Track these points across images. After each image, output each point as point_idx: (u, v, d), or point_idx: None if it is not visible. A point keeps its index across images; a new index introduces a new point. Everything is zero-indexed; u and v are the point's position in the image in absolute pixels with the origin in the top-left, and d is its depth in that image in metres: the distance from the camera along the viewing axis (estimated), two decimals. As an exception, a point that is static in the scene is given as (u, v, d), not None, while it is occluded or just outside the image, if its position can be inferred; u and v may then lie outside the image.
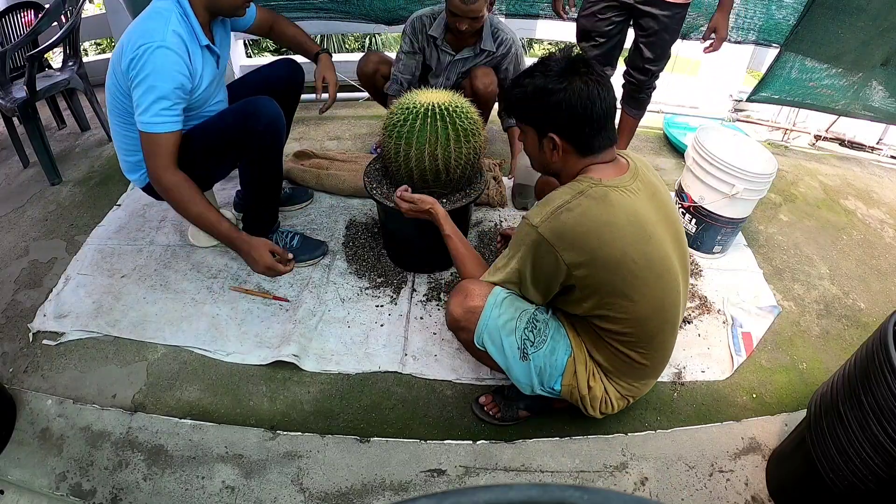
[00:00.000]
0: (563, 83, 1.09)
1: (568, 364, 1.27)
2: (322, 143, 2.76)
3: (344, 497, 1.33)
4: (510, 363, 1.25)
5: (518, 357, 1.24)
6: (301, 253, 1.93)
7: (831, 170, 2.91)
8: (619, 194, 1.12)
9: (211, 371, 1.62)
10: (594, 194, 1.11)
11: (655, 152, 2.89)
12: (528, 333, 1.23)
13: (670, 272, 1.19)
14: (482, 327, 1.23)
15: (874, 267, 2.21)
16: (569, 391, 1.29)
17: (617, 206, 1.11)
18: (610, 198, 1.11)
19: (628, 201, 1.12)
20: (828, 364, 1.75)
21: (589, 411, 1.33)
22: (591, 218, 1.10)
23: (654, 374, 1.36)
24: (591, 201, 1.10)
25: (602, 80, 1.10)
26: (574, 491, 0.25)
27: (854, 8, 2.31)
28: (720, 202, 1.93)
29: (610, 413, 1.36)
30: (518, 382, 1.30)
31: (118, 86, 1.55)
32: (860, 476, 1.07)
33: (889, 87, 2.54)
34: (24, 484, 1.34)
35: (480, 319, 1.23)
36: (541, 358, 1.25)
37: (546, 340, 1.25)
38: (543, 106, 1.12)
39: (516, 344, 1.23)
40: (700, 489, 1.38)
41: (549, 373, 1.27)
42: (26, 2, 2.56)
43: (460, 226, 1.96)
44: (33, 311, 1.78)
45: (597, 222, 1.10)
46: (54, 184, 2.39)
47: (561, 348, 1.27)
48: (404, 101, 1.63)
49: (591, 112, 1.09)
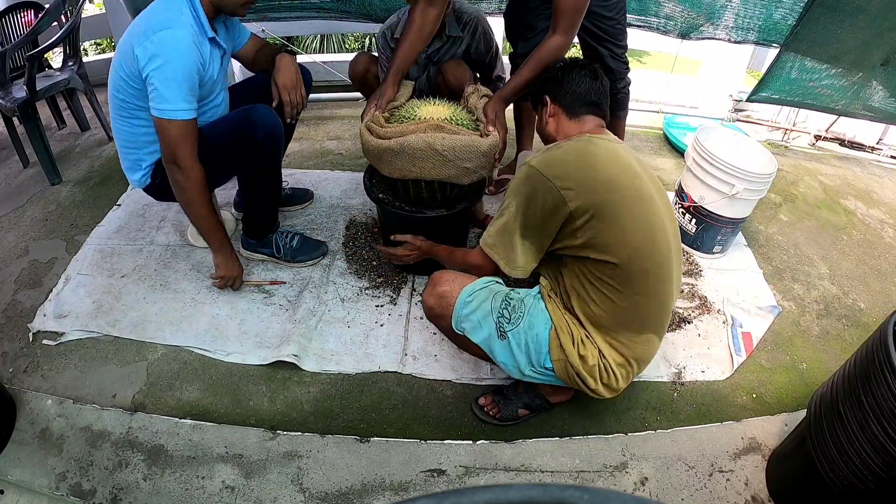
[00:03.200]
0: (562, 64, 1.39)
1: (551, 337, 1.25)
2: (322, 143, 2.77)
3: (344, 497, 1.33)
4: (491, 345, 1.28)
5: (496, 336, 1.27)
6: (300, 253, 1.93)
7: (831, 170, 2.91)
8: (604, 141, 1.28)
9: (211, 371, 1.62)
10: (581, 139, 1.29)
11: (655, 152, 2.89)
12: (504, 311, 1.28)
13: (657, 214, 1.24)
14: (458, 311, 1.29)
15: (874, 267, 2.21)
16: (562, 367, 1.25)
17: (601, 146, 1.26)
18: (594, 140, 1.27)
19: (611, 146, 1.28)
20: (828, 364, 1.75)
21: (591, 386, 1.25)
22: (578, 151, 1.25)
23: (654, 326, 1.29)
24: (577, 142, 1.28)
25: (595, 71, 1.36)
26: (574, 491, 0.25)
27: (854, 8, 2.31)
28: (720, 202, 1.93)
29: (615, 387, 1.28)
30: (504, 366, 1.31)
31: (127, 75, 1.49)
32: (860, 476, 1.07)
33: (889, 87, 2.54)
34: (24, 484, 1.34)
35: (456, 304, 1.29)
36: (520, 335, 1.26)
37: (522, 316, 1.28)
38: (544, 79, 1.40)
39: (493, 323, 1.27)
40: (700, 489, 1.38)
41: (534, 349, 1.25)
42: (26, 2, 2.56)
43: (463, 229, 1.97)
44: (33, 310, 1.78)
45: (583, 154, 1.24)
46: (54, 184, 2.39)
47: (539, 322, 1.26)
48: (405, 113, 1.63)
49: (581, 82, 1.33)
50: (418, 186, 1.65)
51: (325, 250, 1.99)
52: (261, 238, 1.92)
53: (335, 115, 2.99)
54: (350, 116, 3.02)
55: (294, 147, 2.70)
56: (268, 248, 1.93)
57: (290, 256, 1.92)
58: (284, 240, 1.93)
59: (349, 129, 2.91)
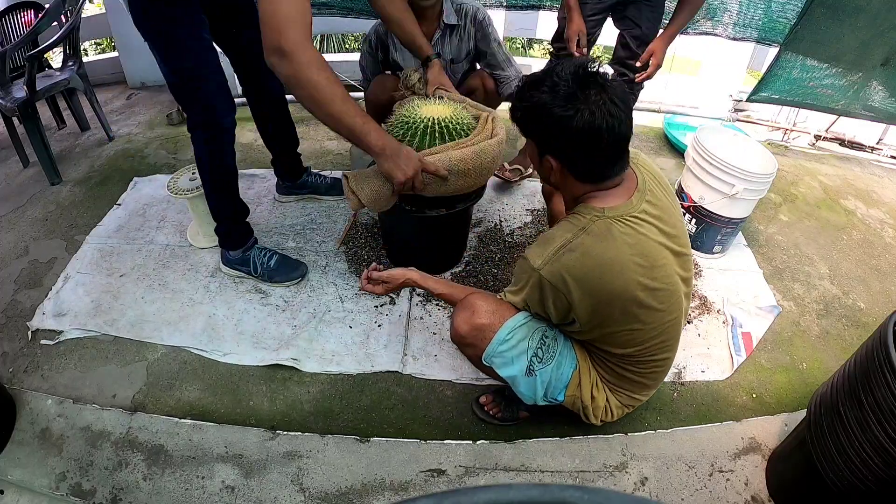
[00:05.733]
0: (569, 110, 0.98)
1: (573, 377, 1.27)
2: (322, 143, 2.76)
3: (344, 497, 1.33)
4: (517, 379, 1.24)
5: (524, 373, 1.23)
6: (277, 274, 1.87)
7: (831, 170, 2.91)
8: (623, 227, 1.06)
9: (211, 371, 1.62)
10: (596, 230, 1.05)
11: (655, 152, 2.88)
12: (539, 350, 1.21)
13: (674, 295, 1.16)
14: (494, 347, 1.19)
15: (874, 267, 2.21)
16: (571, 401, 1.30)
17: (620, 241, 1.05)
18: (613, 232, 1.05)
19: (632, 233, 1.06)
20: (828, 364, 1.75)
21: (590, 419, 1.34)
22: (594, 257, 1.05)
23: (655, 386, 1.37)
24: (593, 239, 1.05)
25: (616, 104, 0.98)
26: (574, 491, 0.25)
27: (854, 8, 2.31)
28: (720, 202, 1.93)
29: (609, 421, 1.37)
30: (522, 395, 1.28)
31: None
32: (860, 476, 1.07)
33: (889, 87, 2.53)
34: (24, 484, 1.34)
35: (493, 341, 1.19)
36: (547, 373, 1.24)
37: (554, 356, 1.23)
38: (544, 127, 1.04)
39: (526, 362, 1.21)
40: (700, 489, 1.38)
41: (553, 385, 1.26)
42: (26, 2, 2.56)
43: (463, 230, 1.97)
44: (33, 310, 1.78)
45: (599, 261, 1.05)
46: (54, 184, 2.39)
47: (567, 362, 1.26)
48: (406, 113, 1.63)
49: (598, 143, 1.00)
50: None
51: (304, 271, 1.91)
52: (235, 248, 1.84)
53: (335, 115, 2.98)
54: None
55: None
56: (245, 266, 1.87)
57: (266, 277, 1.86)
58: (262, 259, 1.87)
59: (349, 128, 2.90)
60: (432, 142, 1.56)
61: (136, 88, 3.28)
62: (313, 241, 2.08)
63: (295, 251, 2.02)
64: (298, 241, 2.08)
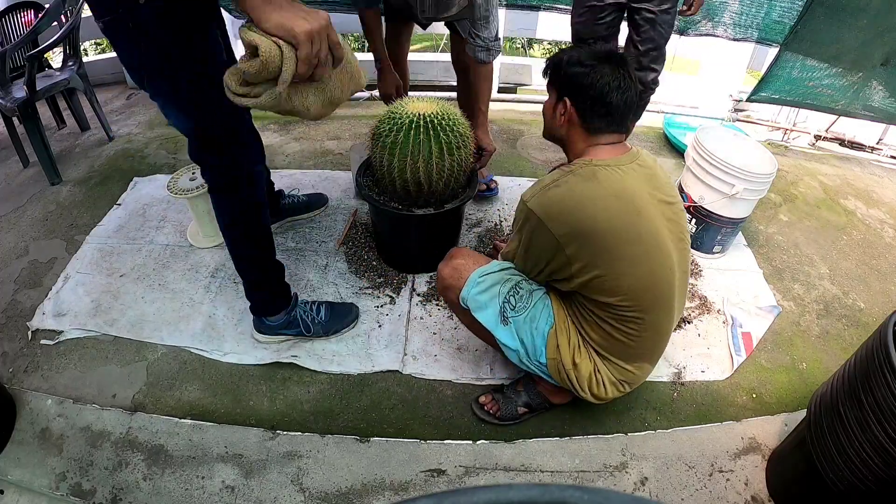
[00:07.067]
0: (595, 62, 1.20)
1: (550, 336, 1.29)
2: (322, 143, 2.76)
3: (344, 497, 1.33)
4: (496, 329, 1.31)
5: (499, 320, 1.29)
6: (334, 324, 1.70)
7: (831, 170, 2.91)
8: (608, 171, 1.19)
9: (211, 371, 1.62)
10: (582, 172, 1.19)
11: (655, 152, 2.88)
12: (510, 297, 1.30)
13: (661, 249, 1.21)
14: (468, 288, 1.31)
15: (874, 267, 2.21)
16: (555, 366, 1.30)
17: (604, 182, 1.17)
18: (598, 175, 1.18)
19: (616, 177, 1.18)
20: (828, 364, 1.75)
21: (580, 392, 1.32)
22: (577, 192, 1.17)
23: (648, 356, 1.33)
24: (577, 178, 1.19)
25: (630, 78, 1.20)
26: (574, 491, 0.25)
27: (854, 8, 2.31)
28: (720, 202, 1.93)
29: (604, 398, 1.33)
30: (506, 348, 1.33)
31: None
32: (860, 476, 1.07)
33: (889, 87, 2.54)
34: (24, 484, 1.34)
35: (467, 281, 1.32)
36: (522, 324, 1.29)
37: (527, 307, 1.30)
38: (569, 74, 1.23)
39: (498, 307, 1.30)
40: (700, 489, 1.38)
41: (531, 343, 1.29)
42: (26, 2, 2.56)
43: (452, 230, 1.96)
44: (33, 310, 1.78)
45: (581, 196, 1.17)
46: (54, 184, 2.39)
47: (542, 318, 1.30)
48: (393, 109, 1.63)
49: (607, 96, 1.19)
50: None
51: (357, 313, 1.76)
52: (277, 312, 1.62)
53: (335, 115, 2.98)
54: (350, 116, 3.02)
55: (294, 147, 2.70)
56: (293, 329, 1.65)
57: (322, 331, 1.68)
58: (311, 314, 1.67)
59: (349, 129, 2.91)
60: (416, 137, 1.56)
61: (135, 88, 3.28)
62: (313, 240, 2.08)
63: (295, 251, 2.02)
64: (298, 241, 2.08)
